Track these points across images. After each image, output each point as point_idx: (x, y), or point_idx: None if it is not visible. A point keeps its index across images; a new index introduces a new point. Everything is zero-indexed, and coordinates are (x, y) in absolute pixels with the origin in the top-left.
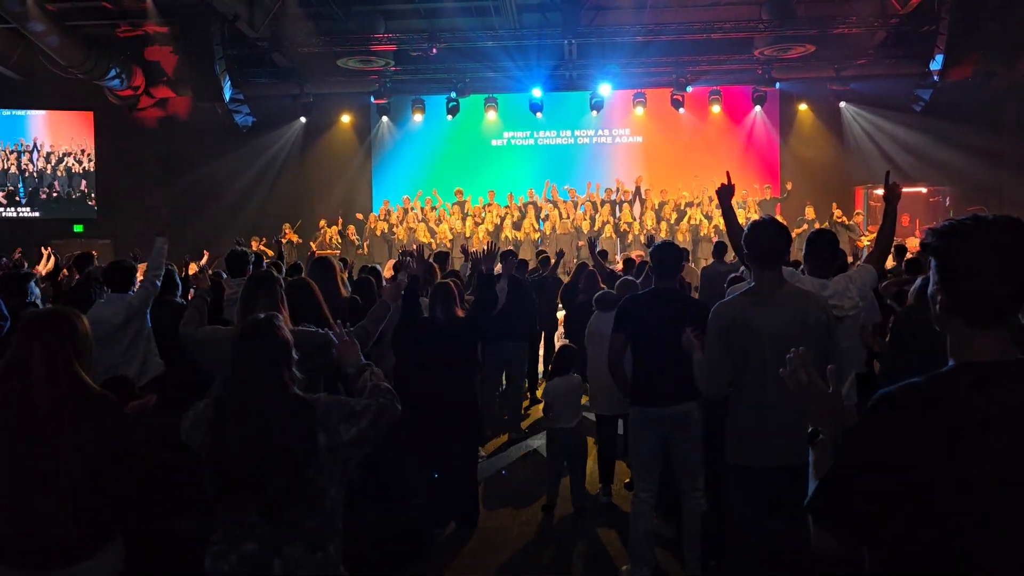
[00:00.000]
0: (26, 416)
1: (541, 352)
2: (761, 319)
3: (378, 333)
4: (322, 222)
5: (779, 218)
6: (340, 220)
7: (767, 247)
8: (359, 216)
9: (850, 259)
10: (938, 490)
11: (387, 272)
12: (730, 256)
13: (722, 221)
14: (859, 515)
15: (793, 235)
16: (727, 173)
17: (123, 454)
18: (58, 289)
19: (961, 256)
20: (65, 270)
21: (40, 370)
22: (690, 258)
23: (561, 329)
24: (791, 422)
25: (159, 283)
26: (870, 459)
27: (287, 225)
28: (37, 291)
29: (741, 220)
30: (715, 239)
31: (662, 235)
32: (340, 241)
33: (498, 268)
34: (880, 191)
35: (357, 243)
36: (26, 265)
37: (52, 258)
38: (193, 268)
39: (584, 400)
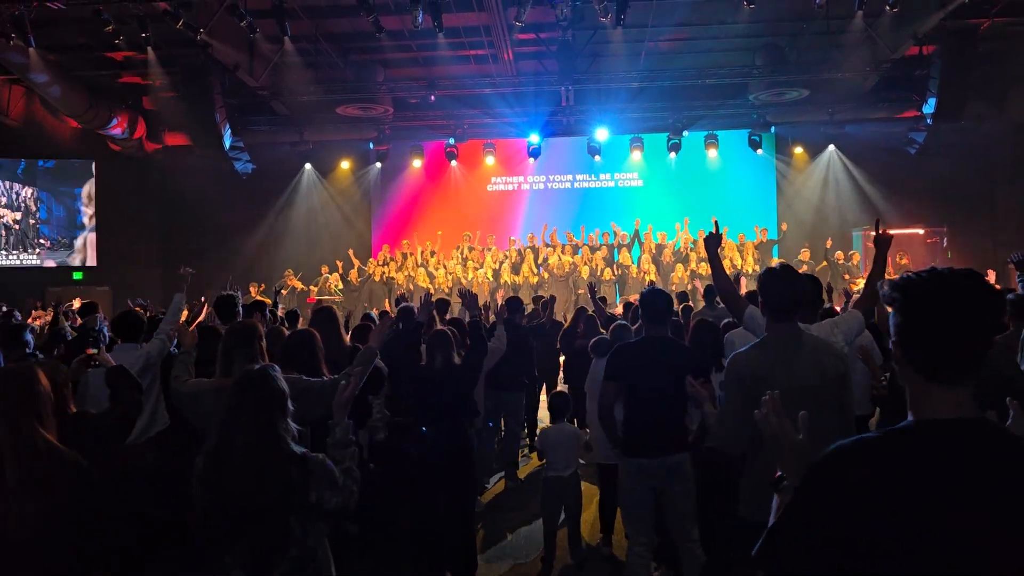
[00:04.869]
0: None
1: (543, 398)
2: (781, 370)
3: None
4: (324, 268)
5: (773, 261)
6: (340, 266)
7: (781, 296)
8: (358, 262)
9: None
10: (885, 547)
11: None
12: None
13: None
14: (802, 568)
15: None
16: (715, 222)
17: (93, 515)
18: (51, 339)
19: (917, 312)
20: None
21: (3, 434)
22: (689, 302)
23: (561, 375)
24: None
25: (174, 338)
26: (817, 512)
27: (289, 271)
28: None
29: (748, 264)
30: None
31: (659, 279)
32: (341, 286)
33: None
34: (874, 233)
35: (338, 289)
36: (19, 316)
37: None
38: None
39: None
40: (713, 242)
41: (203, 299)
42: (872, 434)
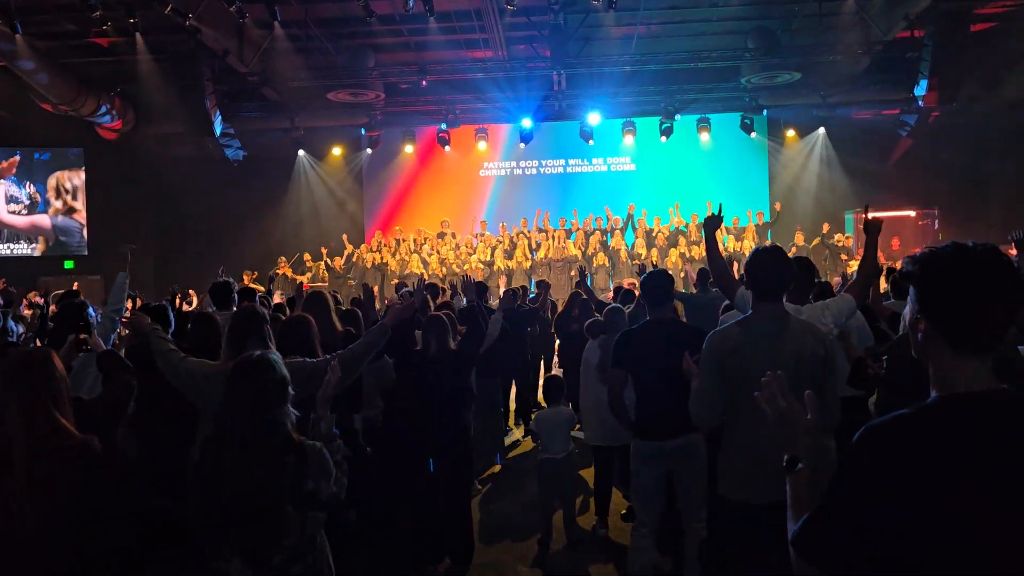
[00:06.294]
0: (2, 468)
1: (540, 382)
2: (754, 349)
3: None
4: (307, 256)
5: (769, 243)
6: (324, 253)
7: (767, 277)
8: (349, 248)
9: (836, 280)
10: (926, 524)
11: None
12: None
13: None
14: (846, 551)
15: None
16: (719, 205)
17: (104, 504)
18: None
19: (945, 284)
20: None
21: (16, 421)
22: (681, 287)
23: (555, 358)
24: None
25: (119, 319)
26: (857, 493)
27: (282, 259)
28: (18, 328)
29: (745, 247)
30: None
31: (652, 261)
32: (328, 275)
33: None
34: (864, 218)
35: (341, 274)
36: (13, 302)
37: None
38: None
39: (576, 429)
40: (713, 224)
41: (191, 293)
42: (902, 412)
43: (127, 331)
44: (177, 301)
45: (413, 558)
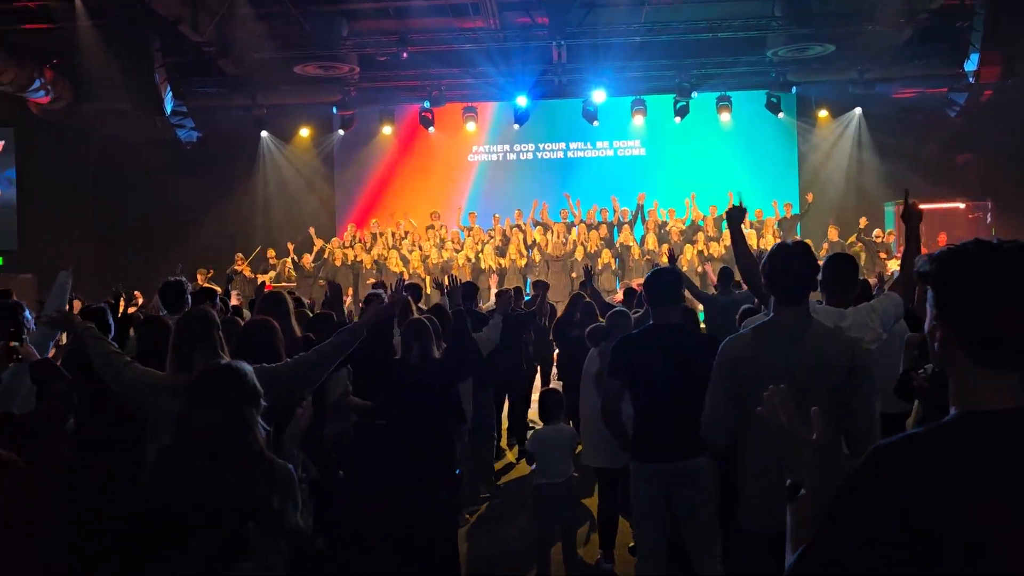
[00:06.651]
0: None
1: (534, 396)
2: (771, 357)
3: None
4: (271, 252)
5: (795, 239)
6: (291, 248)
7: (787, 277)
8: (319, 243)
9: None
10: (938, 553)
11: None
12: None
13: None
14: (848, 572)
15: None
16: (739, 195)
17: (31, 521)
18: None
19: (965, 286)
20: None
21: None
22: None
23: (554, 370)
24: None
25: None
26: (863, 519)
27: (239, 256)
28: None
29: (767, 243)
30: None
31: (664, 260)
32: (296, 274)
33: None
34: (902, 207)
35: (310, 273)
36: None
37: None
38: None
39: (578, 450)
40: (737, 216)
41: (136, 294)
42: (915, 431)
43: (66, 336)
44: (120, 303)
45: None
